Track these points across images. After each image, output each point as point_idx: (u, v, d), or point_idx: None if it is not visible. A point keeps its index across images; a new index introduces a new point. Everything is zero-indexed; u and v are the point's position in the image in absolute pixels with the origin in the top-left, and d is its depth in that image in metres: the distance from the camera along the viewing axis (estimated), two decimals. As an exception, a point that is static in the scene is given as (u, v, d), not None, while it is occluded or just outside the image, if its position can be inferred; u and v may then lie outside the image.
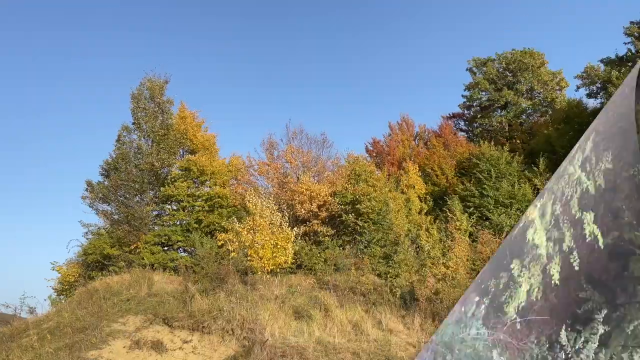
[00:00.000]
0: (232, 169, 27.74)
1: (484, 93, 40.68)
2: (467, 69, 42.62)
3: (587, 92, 26.64)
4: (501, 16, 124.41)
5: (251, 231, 19.24)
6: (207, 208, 25.28)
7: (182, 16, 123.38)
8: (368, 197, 24.02)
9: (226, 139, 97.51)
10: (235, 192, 27.01)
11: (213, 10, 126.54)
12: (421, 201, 29.65)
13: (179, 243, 24.47)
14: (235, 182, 28.34)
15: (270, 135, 27.98)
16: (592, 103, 29.81)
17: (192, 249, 23.40)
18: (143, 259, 22.36)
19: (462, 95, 42.55)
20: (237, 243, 19.58)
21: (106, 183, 25.36)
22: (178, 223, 25.48)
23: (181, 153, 27.62)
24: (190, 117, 27.62)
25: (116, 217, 25.20)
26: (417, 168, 32.29)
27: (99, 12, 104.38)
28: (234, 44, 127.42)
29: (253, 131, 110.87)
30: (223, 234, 20.35)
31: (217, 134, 28.77)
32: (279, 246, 19.02)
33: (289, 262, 19.84)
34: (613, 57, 26.15)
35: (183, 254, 24.82)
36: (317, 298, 17.39)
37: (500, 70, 40.80)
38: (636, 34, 24.96)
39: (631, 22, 25.69)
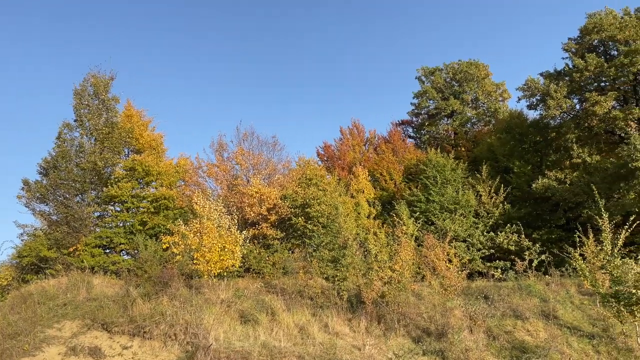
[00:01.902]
0: (180, 170, 27.11)
1: (431, 101, 41.85)
2: (416, 78, 43.73)
3: (528, 104, 27.87)
4: (451, 29, 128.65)
5: (198, 234, 18.83)
6: (152, 210, 24.56)
7: (132, 15, 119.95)
8: (318, 200, 24.09)
9: (174, 140, 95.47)
10: (183, 193, 26.41)
11: (165, 10, 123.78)
12: (370, 205, 30.06)
13: (121, 245, 23.63)
14: (182, 183, 27.71)
15: (220, 136, 27.53)
16: (532, 114, 31.35)
17: (136, 251, 22.66)
18: (82, 261, 21.44)
19: (411, 103, 43.63)
20: (182, 246, 19.11)
21: (44, 182, 24.19)
22: (121, 225, 24.61)
23: (126, 152, 26.74)
24: (136, 115, 26.80)
25: (54, 217, 24.07)
26: (367, 173, 32.76)
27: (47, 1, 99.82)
28: (186, 44, 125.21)
29: (202, 132, 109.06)
30: (168, 236, 19.80)
31: (164, 134, 28.04)
32: (226, 249, 18.71)
33: (237, 266, 19.54)
34: (552, 71, 27.53)
35: (126, 257, 23.99)
36: (264, 302, 17.23)
37: (448, 79, 42.13)
38: (573, 49, 26.41)
39: (569, 39, 27.18)
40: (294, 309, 16.88)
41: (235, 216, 20.64)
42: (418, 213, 26.37)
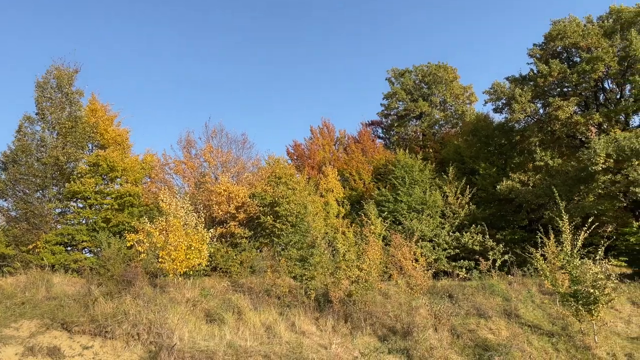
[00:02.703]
0: (146, 166, 26.56)
1: (401, 103, 42.31)
2: (386, 79, 44.16)
3: (494, 107, 28.45)
4: (421, 31, 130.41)
5: (164, 232, 18.52)
6: (116, 207, 23.99)
7: (101, 8, 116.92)
8: (287, 199, 24.03)
9: (140, 135, 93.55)
10: (148, 190, 25.91)
11: (132, 6, 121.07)
12: (339, 205, 30.18)
13: (83, 243, 23.01)
14: (148, 180, 27.18)
15: (188, 132, 27.18)
16: (497, 117, 32.02)
17: (98, 249, 22.08)
18: (42, 259, 20.78)
19: (381, 104, 44.02)
20: (147, 244, 18.75)
21: (3, 177, 23.35)
22: (84, 222, 23.96)
23: (90, 147, 26.06)
24: (101, 110, 26.11)
25: (13, 214, 23.27)
26: (336, 172, 32.88)
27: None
28: (154, 39, 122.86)
29: (170, 129, 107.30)
30: (133, 234, 19.39)
31: (130, 129, 27.40)
32: (193, 248, 18.45)
33: (203, 265, 19.32)
34: (517, 75, 28.23)
35: (88, 255, 23.38)
36: (231, 301, 17.05)
37: (417, 82, 42.69)
38: (538, 55, 27.12)
39: (534, 45, 27.90)
40: (261, 308, 16.77)
41: (203, 214, 20.39)
42: (386, 213, 26.63)
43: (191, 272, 18.97)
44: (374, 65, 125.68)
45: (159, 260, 18.17)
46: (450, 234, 26.11)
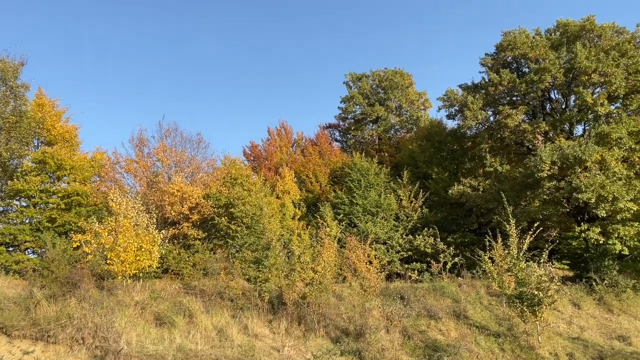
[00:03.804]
0: (95, 164, 25.64)
1: (358, 107, 42.78)
2: (344, 83, 44.54)
3: (447, 113, 29.17)
4: (380, 37, 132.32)
5: (113, 232, 17.91)
6: (63, 206, 23.05)
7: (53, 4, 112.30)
8: (243, 201, 23.75)
9: (90, 133, 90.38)
10: (97, 190, 25.02)
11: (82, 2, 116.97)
12: (295, 207, 30.12)
13: (26, 243, 21.99)
14: (98, 179, 26.24)
15: (141, 131, 26.41)
16: (450, 124, 32.91)
17: (43, 250, 21.13)
18: (-20, 260, 19.71)
19: (339, 107, 44.37)
20: (95, 245, 18.09)
21: (-62, 173, 21.99)
22: (27, 221, 22.88)
23: (36, 144, 24.91)
24: (48, 105, 25.02)
25: (-51, 211, 21.96)
26: (293, 174, 32.83)
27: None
28: (107, 35, 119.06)
29: (122, 127, 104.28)
30: (80, 234, 18.66)
31: (79, 126, 26.38)
32: (143, 249, 17.94)
33: (154, 266, 18.81)
34: (470, 83, 29.07)
35: (31, 256, 22.35)
36: (182, 304, 16.67)
37: (374, 86, 43.29)
38: (489, 64, 28.03)
39: (486, 54, 28.79)
40: (214, 310, 16.48)
41: (155, 215, 19.88)
42: (342, 215, 26.80)
43: (141, 274, 18.44)
44: (332, 69, 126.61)
45: (107, 262, 17.56)
46: (404, 236, 26.56)
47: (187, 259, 21.47)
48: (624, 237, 21.86)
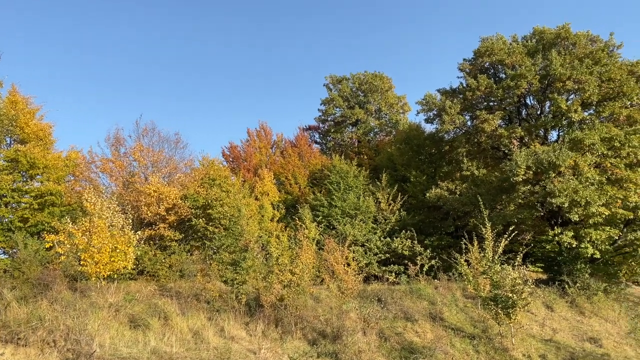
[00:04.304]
0: (70, 164, 25.09)
1: (338, 109, 42.92)
2: (324, 85, 44.65)
3: (425, 117, 29.41)
4: (360, 40, 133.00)
5: (87, 233, 17.58)
6: (36, 206, 22.50)
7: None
8: (221, 202, 23.56)
9: (65, 131, 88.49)
10: (72, 189, 24.52)
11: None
12: (274, 208, 30.03)
13: (-3, 244, 21.39)
14: (72, 178, 25.70)
15: (117, 130, 25.96)
16: (429, 128, 33.19)
17: (14, 250, 20.60)
18: (-52, 261, 19.10)
19: (319, 109, 44.48)
20: (69, 246, 17.73)
21: None
22: (-2, 221, 22.27)
23: (8, 142, 24.27)
24: (22, 102, 24.40)
25: None
26: (272, 176, 32.74)
27: None
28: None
29: (98, 126, 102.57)
30: (53, 235, 18.25)
31: (53, 124, 25.76)
32: (118, 250, 17.65)
33: (129, 268, 18.52)
34: (448, 88, 29.41)
35: (2, 256, 21.76)
36: (157, 306, 16.45)
37: (354, 89, 43.48)
38: (467, 70, 28.40)
39: (464, 59, 29.18)
40: (190, 313, 16.31)
41: (130, 215, 19.58)
42: (321, 217, 26.82)
43: (116, 276, 18.14)
44: (312, 71, 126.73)
45: (81, 263, 17.23)
46: (382, 239, 26.71)
47: (163, 260, 21.18)
48: (596, 241, 22.35)
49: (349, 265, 19.80)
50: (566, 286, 22.26)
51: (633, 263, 23.79)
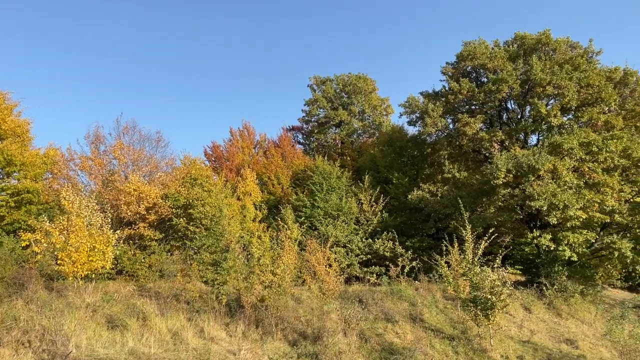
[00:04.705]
0: (48, 161, 24.60)
1: (321, 110, 42.92)
2: (308, 86, 44.60)
3: (408, 120, 29.62)
4: (344, 42, 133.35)
5: (64, 232, 17.27)
6: (12, 204, 22.03)
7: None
8: (202, 202, 23.34)
9: (43, 128, 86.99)
10: (50, 187, 24.05)
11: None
12: (256, 209, 29.89)
13: (-29, 242, 20.84)
14: (50, 176, 25.22)
15: (97, 127, 25.47)
16: (411, 130, 33.46)
17: (-12, 249, 20.10)
18: None
19: (302, 110, 44.42)
20: (46, 244, 17.39)
21: None
22: (-28, 219, 21.74)
23: (-16, 138, 23.72)
24: (-1, 98, 23.87)
25: None
26: (255, 176, 32.58)
27: None
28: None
29: (78, 123, 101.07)
30: (29, 233, 17.88)
31: (32, 121, 25.22)
32: (96, 249, 17.37)
33: (108, 267, 18.24)
34: (431, 91, 29.67)
35: (-24, 256, 21.19)
36: (136, 306, 16.23)
37: (338, 90, 43.54)
38: (450, 73, 28.69)
39: (447, 63, 29.45)
40: (169, 313, 16.12)
41: (110, 214, 19.29)
42: (303, 218, 26.79)
43: (94, 276, 17.83)
44: (296, 71, 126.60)
45: (58, 262, 16.91)
46: (364, 240, 26.79)
47: (142, 260, 20.90)
48: (573, 244, 22.74)
49: (330, 266, 19.80)
50: (544, 288, 22.59)
51: (609, 266, 24.26)
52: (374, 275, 25.19)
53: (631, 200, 23.35)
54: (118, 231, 19.16)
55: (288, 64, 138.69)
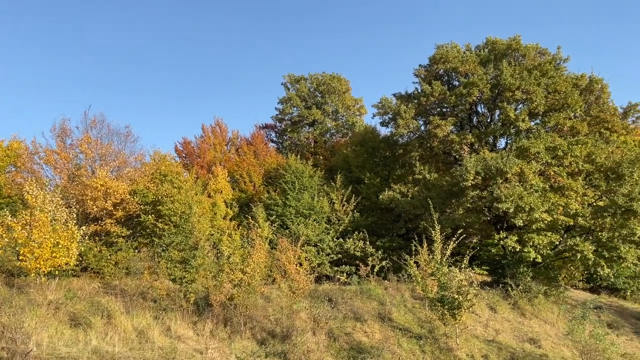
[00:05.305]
0: (11, 154, 23.84)
1: (295, 109, 42.87)
2: (282, 84, 44.49)
3: (381, 120, 29.86)
4: (318, 41, 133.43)
5: (27, 227, 16.71)
6: (-28, 197, 21.27)
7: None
8: (171, 198, 22.98)
9: (6, 120, 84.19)
10: (12, 181, 23.28)
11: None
12: (227, 206, 29.64)
13: None
14: (13, 169, 24.40)
15: (64, 120, 24.65)
16: (384, 131, 33.73)
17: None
18: None
19: (276, 108, 44.26)
20: (7, 239, 16.80)
21: None
22: None
23: (-58, 128, 22.82)
24: (-41, 87, 22.98)
25: None
26: (227, 173, 32.32)
27: None
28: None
29: (44, 115, 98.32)
30: (-11, 228, 17.24)
31: (-6, 112, 24.37)
32: (60, 245, 16.88)
33: (72, 264, 17.74)
34: (404, 93, 29.97)
35: None
36: (101, 304, 15.86)
37: (312, 89, 43.56)
38: (422, 75, 29.05)
39: (420, 65, 29.79)
40: (135, 311, 15.80)
41: (75, 210, 18.79)
42: (274, 216, 26.68)
43: (57, 272, 17.33)
44: (269, 69, 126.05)
45: (20, 258, 16.37)
46: (335, 239, 26.86)
47: (108, 257, 20.44)
48: (538, 246, 23.31)
49: (301, 265, 19.78)
50: (509, 289, 23.09)
51: (572, 267, 24.99)
52: (344, 274, 25.29)
53: (594, 204, 24.08)
54: (83, 227, 18.66)
55: (261, 61, 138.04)
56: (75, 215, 18.33)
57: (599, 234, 23.18)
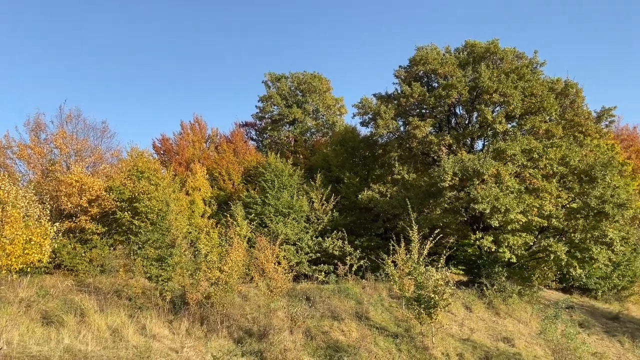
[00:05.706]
0: (-17, 148, 23.22)
1: (275, 107, 42.73)
2: (262, 82, 44.27)
3: (361, 120, 29.97)
4: (301, 39, 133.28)
5: (-1, 223, 16.29)
6: (-60, 192, 20.57)
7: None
8: (148, 195, 22.69)
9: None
10: (-16, 175, 22.64)
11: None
12: (206, 204, 29.37)
13: None
14: (-15, 164, 23.78)
15: (38, 114, 24.15)
16: (364, 131, 33.84)
17: None
18: None
19: (256, 106, 44.03)
20: (-24, 236, 16.35)
21: None
22: None
23: None
24: None
25: None
26: (205, 171, 32.02)
27: None
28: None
29: (17, 109, 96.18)
30: (-42, 224, 16.77)
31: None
32: (33, 242, 16.50)
33: (45, 261, 17.37)
34: (384, 93, 30.11)
35: None
36: (74, 302, 15.59)
37: (292, 88, 43.47)
38: (402, 76, 29.23)
39: (400, 66, 29.96)
40: (109, 310, 15.57)
41: (49, 206, 18.39)
42: (253, 215, 26.55)
43: (29, 269, 16.96)
44: (251, 68, 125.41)
45: (-9, 255, 15.95)
46: (313, 238, 26.87)
47: (83, 254, 20.10)
48: (513, 246, 23.68)
49: (279, 263, 19.73)
50: (484, 288, 23.42)
51: (545, 268, 25.45)
52: (323, 273, 25.33)
53: (567, 206, 24.57)
54: (57, 224, 18.28)
55: (242, 58, 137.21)
56: (48, 212, 17.94)
57: (572, 235, 23.66)
